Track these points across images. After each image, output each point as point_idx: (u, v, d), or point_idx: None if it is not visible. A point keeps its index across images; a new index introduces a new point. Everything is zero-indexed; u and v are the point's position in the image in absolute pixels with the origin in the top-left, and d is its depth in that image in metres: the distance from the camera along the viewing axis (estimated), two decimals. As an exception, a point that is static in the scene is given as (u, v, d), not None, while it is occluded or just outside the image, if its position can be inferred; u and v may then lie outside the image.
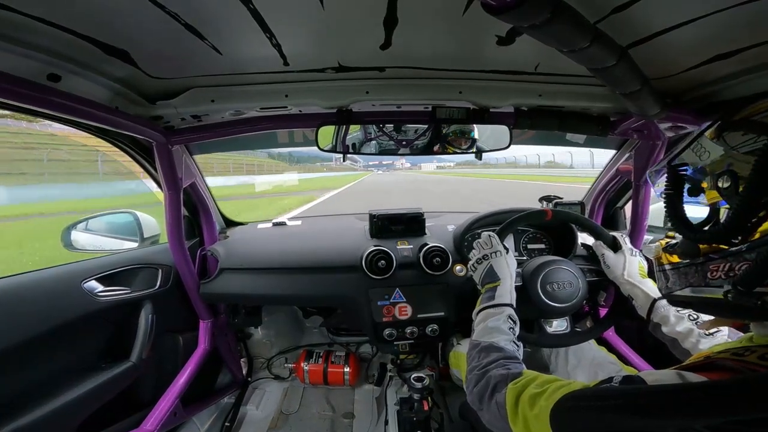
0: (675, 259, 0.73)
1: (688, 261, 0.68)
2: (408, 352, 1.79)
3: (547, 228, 1.79)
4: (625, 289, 1.23)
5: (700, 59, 0.85)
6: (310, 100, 1.17)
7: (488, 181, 31.21)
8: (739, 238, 0.59)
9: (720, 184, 0.62)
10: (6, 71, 0.72)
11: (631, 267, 1.25)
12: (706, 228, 0.66)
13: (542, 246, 1.78)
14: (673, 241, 0.74)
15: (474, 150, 1.42)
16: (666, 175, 0.74)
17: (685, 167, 0.71)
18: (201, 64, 0.97)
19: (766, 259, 0.54)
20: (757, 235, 0.57)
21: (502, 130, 1.35)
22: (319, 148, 1.34)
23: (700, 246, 0.66)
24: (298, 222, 2.12)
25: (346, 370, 2.15)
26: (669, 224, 0.73)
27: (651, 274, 1.24)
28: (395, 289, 1.60)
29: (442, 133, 1.39)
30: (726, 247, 0.62)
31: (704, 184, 0.67)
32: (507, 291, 1.09)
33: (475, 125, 1.38)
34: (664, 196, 0.73)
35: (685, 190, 0.70)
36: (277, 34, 0.80)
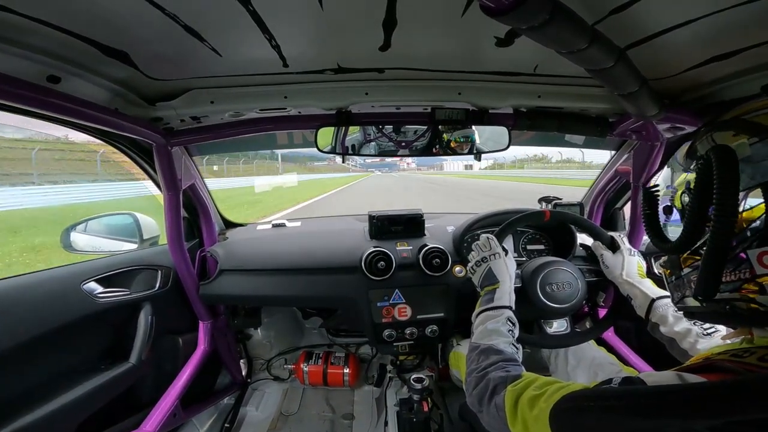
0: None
1: (680, 273, 0.71)
2: (407, 353, 1.80)
3: (546, 229, 1.79)
4: (624, 289, 1.23)
5: (698, 60, 0.86)
6: (309, 102, 1.17)
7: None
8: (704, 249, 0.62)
9: (683, 200, 0.68)
10: (5, 73, 0.73)
11: (629, 267, 1.25)
12: (673, 240, 0.70)
13: (541, 247, 1.79)
14: (664, 258, 0.78)
15: (474, 152, 1.42)
16: (642, 195, 0.81)
17: (657, 188, 0.78)
18: (200, 65, 0.97)
19: (701, 272, 0.60)
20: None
21: (501, 131, 1.36)
22: (319, 149, 1.34)
23: (682, 258, 0.70)
24: (298, 223, 2.12)
25: (346, 371, 2.15)
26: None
27: (650, 274, 1.24)
28: (395, 290, 1.60)
29: (441, 134, 1.39)
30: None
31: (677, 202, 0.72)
32: (506, 293, 1.09)
33: (474, 127, 1.39)
34: (642, 213, 0.79)
35: (662, 209, 0.76)
36: (276, 36, 0.80)
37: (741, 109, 0.62)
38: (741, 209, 0.56)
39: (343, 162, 1.49)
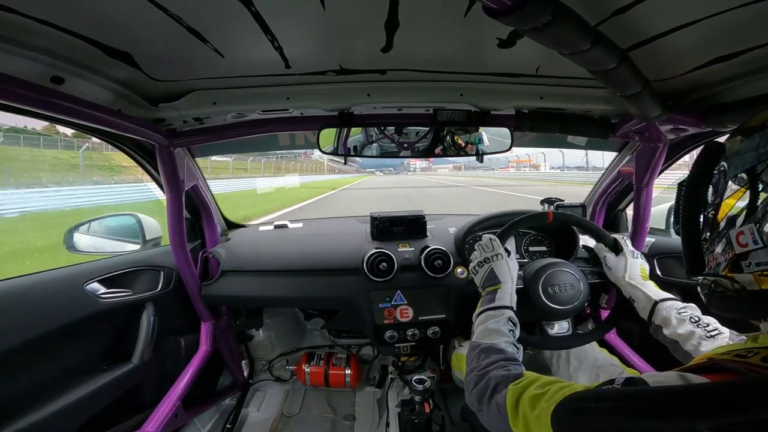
0: None
1: None
2: (409, 354, 1.79)
3: (549, 230, 1.79)
4: (627, 292, 1.23)
5: (701, 61, 0.85)
6: (311, 103, 1.17)
7: None
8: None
9: None
10: (9, 73, 0.73)
11: (632, 269, 1.24)
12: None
13: (544, 248, 1.78)
14: None
15: (476, 153, 1.43)
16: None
17: None
18: (203, 66, 0.97)
19: (682, 249, 0.68)
20: None
21: (504, 132, 1.36)
22: (321, 150, 1.34)
23: None
24: (300, 224, 2.12)
25: (347, 372, 2.15)
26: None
27: (653, 276, 1.24)
28: (396, 292, 1.59)
29: (443, 135, 1.39)
30: None
31: None
32: (507, 293, 1.09)
33: (478, 129, 1.39)
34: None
35: None
36: (278, 37, 0.81)
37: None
38: (727, 196, 0.62)
39: (345, 163, 1.49)
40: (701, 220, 0.67)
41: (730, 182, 0.62)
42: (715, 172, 0.66)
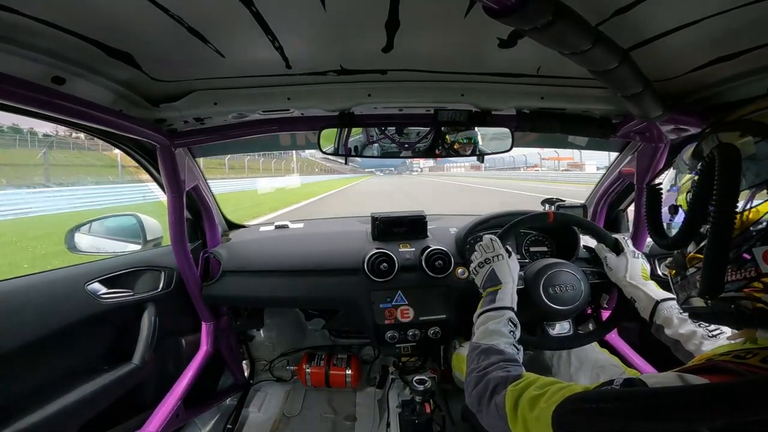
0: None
1: (686, 273, 0.72)
2: (410, 355, 1.79)
3: (549, 231, 1.79)
4: (628, 292, 1.23)
5: (702, 61, 0.85)
6: (312, 103, 1.17)
7: None
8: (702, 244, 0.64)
9: (689, 199, 0.68)
10: (10, 74, 0.73)
11: (633, 269, 1.24)
12: (671, 236, 0.72)
13: (544, 249, 1.78)
14: (670, 258, 0.79)
15: (477, 153, 1.43)
16: (645, 193, 0.82)
17: (660, 185, 0.80)
18: (204, 67, 0.97)
19: (704, 269, 0.60)
20: None
21: (504, 133, 1.36)
22: (321, 150, 1.35)
23: (687, 258, 0.70)
24: (300, 225, 2.12)
25: (348, 372, 2.14)
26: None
27: (654, 276, 1.24)
28: (397, 292, 1.59)
29: (444, 135, 1.39)
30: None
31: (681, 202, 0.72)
32: (508, 294, 1.09)
33: (477, 129, 1.39)
34: (645, 210, 0.81)
35: (666, 208, 0.77)
36: (279, 37, 0.81)
37: (745, 110, 0.62)
38: (747, 207, 0.57)
39: (346, 163, 1.49)
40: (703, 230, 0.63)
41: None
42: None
